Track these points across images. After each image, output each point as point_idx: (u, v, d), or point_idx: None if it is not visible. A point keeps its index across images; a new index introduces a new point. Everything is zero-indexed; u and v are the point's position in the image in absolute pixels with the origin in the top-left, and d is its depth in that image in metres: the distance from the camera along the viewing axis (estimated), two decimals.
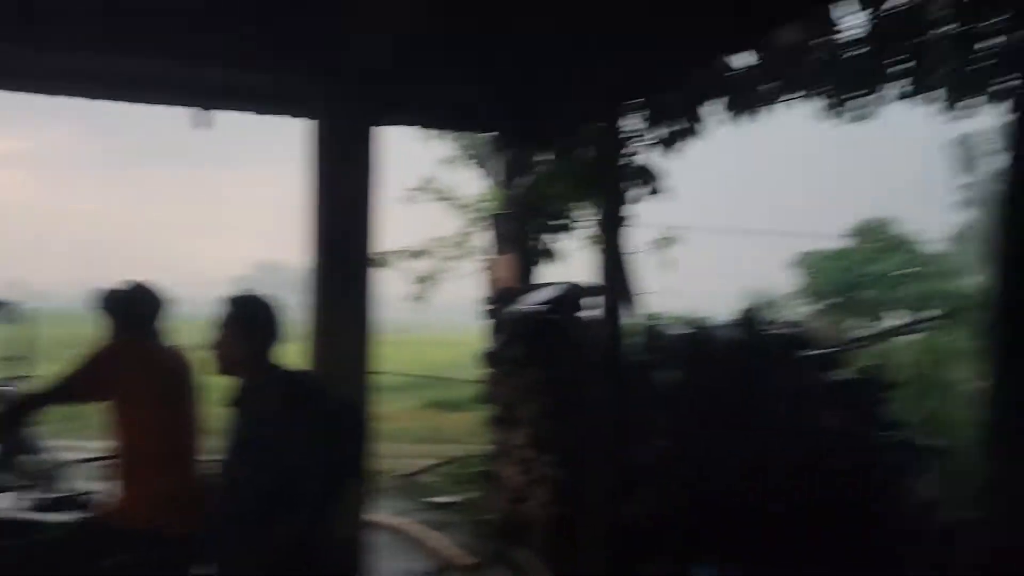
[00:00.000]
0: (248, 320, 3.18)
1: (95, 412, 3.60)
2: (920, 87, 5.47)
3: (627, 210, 6.36)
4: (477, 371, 7.40)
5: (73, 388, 3.49)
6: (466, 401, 14.67)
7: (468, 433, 13.21)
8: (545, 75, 5.47)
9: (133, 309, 3.68)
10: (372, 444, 3.26)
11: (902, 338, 9.69)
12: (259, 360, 3.16)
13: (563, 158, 6.53)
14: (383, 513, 8.17)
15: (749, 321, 6.00)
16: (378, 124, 4.86)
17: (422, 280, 23.24)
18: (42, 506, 4.01)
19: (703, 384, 5.72)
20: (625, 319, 6.19)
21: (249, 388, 3.18)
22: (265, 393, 3.11)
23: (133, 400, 3.49)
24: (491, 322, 7.10)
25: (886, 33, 5.32)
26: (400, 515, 8.05)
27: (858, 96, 5.96)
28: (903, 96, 5.79)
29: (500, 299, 7.04)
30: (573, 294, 6.57)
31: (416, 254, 21.79)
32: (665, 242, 20.09)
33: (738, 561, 5.30)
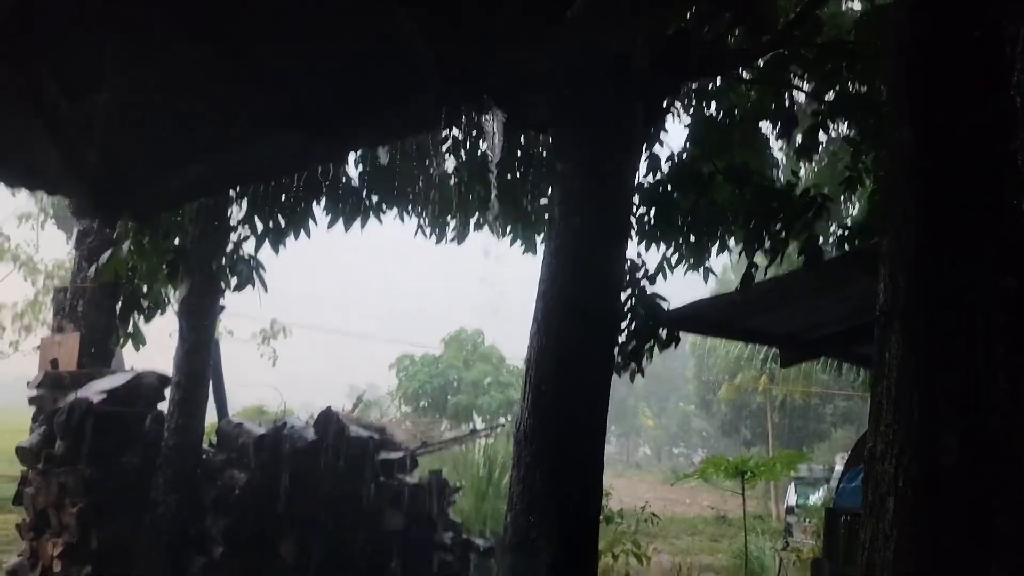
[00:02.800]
0: None
1: None
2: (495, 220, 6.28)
3: (219, 300, 6.11)
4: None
5: None
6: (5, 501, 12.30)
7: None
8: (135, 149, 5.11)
9: None
10: None
11: (475, 442, 10.56)
12: None
13: (151, 234, 6.04)
14: None
15: (327, 423, 6.04)
16: None
17: None
18: None
19: (274, 484, 5.56)
20: (201, 415, 5.82)
21: None
22: None
23: None
24: (35, 410, 6.13)
25: (472, 171, 6.06)
26: None
27: (449, 219, 6.64)
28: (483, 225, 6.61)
29: (51, 384, 6.14)
30: (142, 385, 6.00)
31: None
32: (269, 336, 19.60)
33: None
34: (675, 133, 5.52)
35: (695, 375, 37.34)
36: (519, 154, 5.80)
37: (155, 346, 7.36)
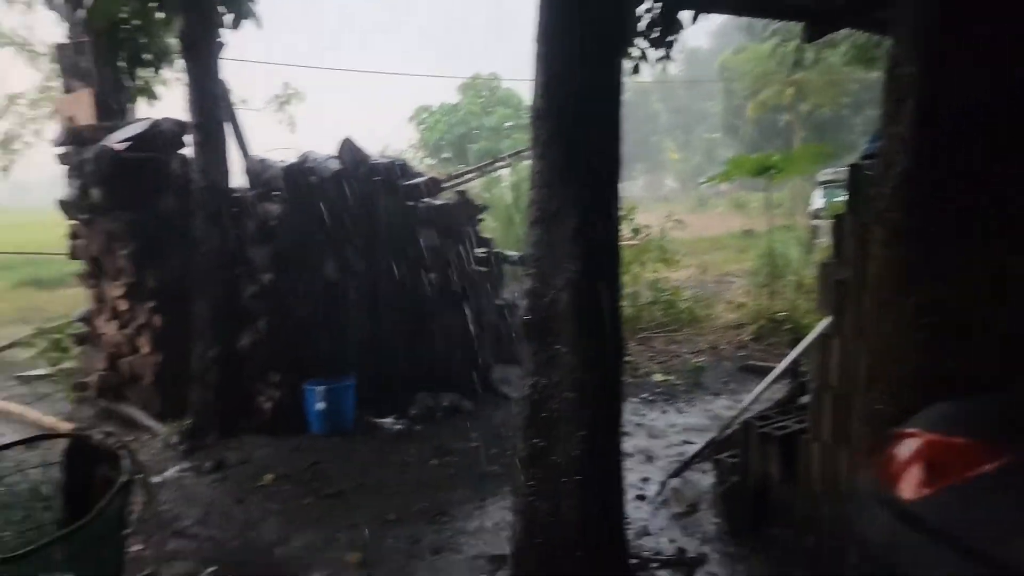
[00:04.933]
0: None
1: None
2: None
3: (219, 36, 5.90)
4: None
5: None
6: (66, 277, 13.06)
7: (69, 306, 11.85)
8: None
9: None
10: None
11: (497, 173, 10.66)
12: None
13: None
14: None
15: (349, 151, 6.08)
16: None
17: (0, 147, 19.43)
18: None
19: (308, 212, 5.74)
20: (224, 154, 5.87)
21: None
22: None
23: None
24: (66, 166, 6.25)
25: None
26: None
27: None
28: None
29: (75, 140, 6.19)
30: (161, 130, 6.03)
31: None
32: (284, 100, 19.19)
33: (349, 373, 5.63)
34: None
35: (721, 100, 36.41)
36: None
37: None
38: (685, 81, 50.44)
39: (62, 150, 6.33)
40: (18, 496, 3.28)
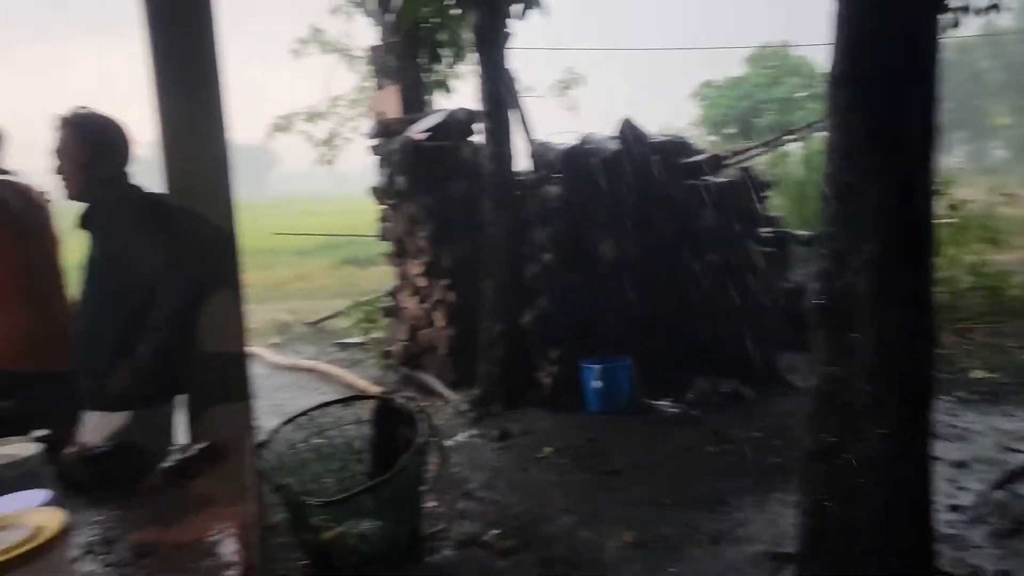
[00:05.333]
0: (91, 138, 3.00)
1: None
2: None
3: (507, 27, 6.18)
4: None
5: None
6: (377, 256, 14.71)
7: (380, 283, 13.28)
8: None
9: None
10: (238, 259, 3.21)
11: (786, 147, 9.98)
12: (108, 180, 3.02)
13: None
14: (294, 357, 8.27)
15: (627, 131, 6.05)
16: None
17: (326, 143, 22.17)
18: None
19: (586, 193, 5.82)
20: (509, 140, 6.14)
21: (99, 210, 3.04)
22: (116, 213, 2.99)
23: None
24: (377, 157, 6.98)
25: None
26: (311, 358, 8.17)
27: None
28: None
29: (384, 132, 6.89)
30: (455, 120, 6.47)
31: (314, 116, 20.53)
32: (566, 85, 19.68)
33: (625, 353, 5.63)
34: None
35: None
36: None
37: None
38: (1020, 33, 43.30)
39: (374, 142, 7.08)
40: (336, 448, 3.74)
